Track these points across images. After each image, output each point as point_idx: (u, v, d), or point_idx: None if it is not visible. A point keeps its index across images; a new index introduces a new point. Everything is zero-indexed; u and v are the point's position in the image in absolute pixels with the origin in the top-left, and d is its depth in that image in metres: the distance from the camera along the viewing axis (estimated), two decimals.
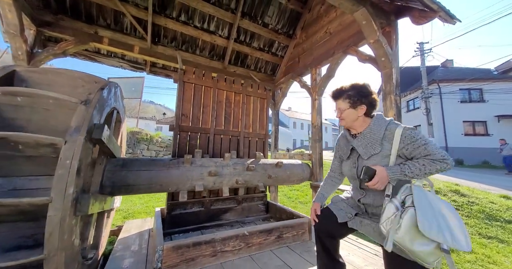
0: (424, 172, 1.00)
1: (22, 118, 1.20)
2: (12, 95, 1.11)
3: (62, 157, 1.03)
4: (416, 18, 1.96)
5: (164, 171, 2.01)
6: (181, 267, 1.58)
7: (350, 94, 1.17)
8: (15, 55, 2.22)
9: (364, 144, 1.13)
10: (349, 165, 1.22)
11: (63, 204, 1.00)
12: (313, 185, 3.02)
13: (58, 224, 0.98)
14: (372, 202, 1.15)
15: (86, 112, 1.15)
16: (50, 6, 2.51)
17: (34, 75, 1.30)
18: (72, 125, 1.10)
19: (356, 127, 1.20)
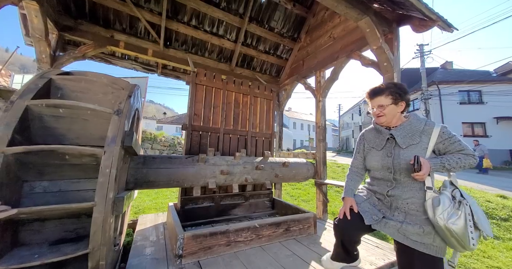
0: (460, 165, 1.08)
1: (63, 127, 1.33)
2: (55, 107, 1.24)
3: (103, 166, 1.15)
4: (416, 27, 2.11)
5: (181, 169, 2.15)
6: (199, 254, 1.73)
7: (393, 91, 1.21)
8: (39, 58, 2.36)
9: (403, 134, 1.18)
10: (381, 155, 1.23)
11: (105, 207, 1.13)
12: (317, 183, 3.17)
13: (101, 224, 1.13)
14: (401, 193, 1.16)
15: (119, 122, 1.28)
16: (70, 11, 2.65)
17: (69, 83, 1.43)
18: (109, 136, 1.22)
19: (392, 124, 1.25)
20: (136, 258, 1.71)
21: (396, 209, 1.17)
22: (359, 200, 1.32)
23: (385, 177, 1.22)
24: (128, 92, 1.44)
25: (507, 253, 2.89)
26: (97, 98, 1.44)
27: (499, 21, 13.02)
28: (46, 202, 1.25)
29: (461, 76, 16.79)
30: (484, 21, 44.67)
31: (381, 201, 1.24)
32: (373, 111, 1.27)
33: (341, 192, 5.02)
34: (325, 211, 3.13)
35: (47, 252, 1.16)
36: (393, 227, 1.15)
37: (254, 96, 3.30)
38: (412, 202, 1.14)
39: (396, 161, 1.17)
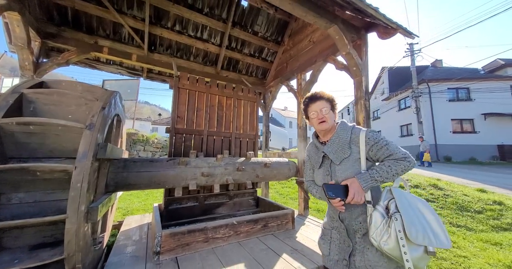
0: (392, 174, 0.97)
1: (35, 142, 1.39)
2: (25, 124, 1.30)
3: (74, 181, 1.23)
4: (381, 34, 2.26)
5: (161, 172, 2.25)
6: (177, 250, 1.84)
7: (330, 98, 1.15)
8: (22, 65, 2.43)
9: (334, 149, 1.09)
10: (322, 173, 1.14)
11: (77, 219, 1.22)
12: (298, 181, 3.31)
13: (74, 234, 1.22)
14: (350, 214, 1.04)
15: (91, 136, 1.33)
16: (53, 19, 2.72)
17: (41, 96, 1.47)
18: (80, 151, 1.28)
19: (327, 133, 1.16)
20: (116, 256, 1.82)
21: (355, 233, 1.03)
22: (326, 252, 1.13)
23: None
24: (102, 103, 1.50)
25: (476, 243, 3.08)
26: (70, 110, 1.50)
27: (486, 19, 13.39)
28: (22, 212, 1.34)
29: (450, 74, 17.19)
30: (471, 20, 45.72)
31: (340, 232, 1.08)
32: (315, 115, 1.12)
33: None
34: (306, 208, 3.28)
35: (26, 257, 1.26)
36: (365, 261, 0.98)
37: (237, 99, 3.42)
38: (364, 220, 1.01)
39: (334, 179, 1.06)
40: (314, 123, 1.15)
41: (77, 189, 1.24)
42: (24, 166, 1.20)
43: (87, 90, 1.70)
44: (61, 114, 1.50)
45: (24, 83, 1.51)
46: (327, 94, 1.16)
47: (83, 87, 1.66)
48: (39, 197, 1.40)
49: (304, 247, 2.07)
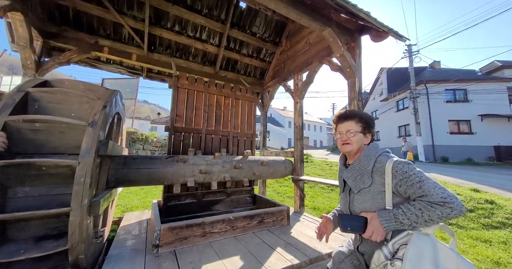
0: (424, 220, 0.80)
1: (41, 139, 1.45)
2: (31, 122, 1.36)
3: (77, 176, 1.29)
4: (374, 37, 2.33)
5: (161, 169, 2.32)
6: (175, 244, 1.91)
7: (363, 118, 1.05)
8: (25, 64, 2.49)
9: (353, 176, 0.99)
10: (343, 198, 1.07)
11: (80, 212, 1.30)
12: (294, 179, 3.38)
13: (77, 226, 1.30)
14: (370, 250, 0.95)
15: (93, 134, 1.39)
16: (54, 18, 2.77)
17: (46, 95, 1.53)
18: (83, 148, 1.34)
19: (353, 155, 1.06)
20: (116, 249, 1.88)
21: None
22: (338, 259, 1.09)
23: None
24: (103, 102, 1.56)
25: (466, 240, 3.17)
26: (73, 108, 1.56)
27: (483, 21, 13.54)
28: (27, 205, 1.40)
29: (448, 75, 17.33)
30: (470, 21, 46.20)
31: (359, 261, 1.02)
32: (339, 137, 1.06)
33: (326, 187, 5.26)
34: (302, 205, 3.36)
35: (32, 247, 1.33)
36: None
37: (236, 98, 3.49)
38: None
39: (351, 209, 0.98)
40: (338, 144, 1.08)
41: (80, 183, 1.30)
42: (31, 161, 1.26)
43: (89, 89, 1.76)
44: (65, 112, 1.56)
45: (29, 82, 1.57)
46: (360, 114, 1.06)
47: (85, 86, 1.72)
48: (43, 191, 1.47)
49: (297, 242, 2.15)
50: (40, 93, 1.47)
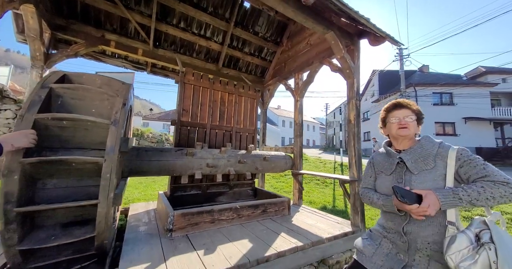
0: (485, 197, 0.84)
1: (67, 135, 1.53)
2: (59, 120, 1.44)
3: (104, 172, 1.40)
4: (372, 41, 2.54)
5: (170, 161, 2.43)
6: (187, 229, 2.05)
7: (416, 109, 1.11)
8: (33, 55, 2.51)
9: (414, 158, 1.03)
10: (390, 180, 1.08)
11: (107, 204, 1.41)
12: (294, 173, 3.57)
13: (104, 216, 1.41)
14: (419, 230, 0.96)
15: (116, 132, 1.49)
16: (62, 11, 2.79)
17: (68, 91, 1.59)
18: (108, 145, 1.44)
19: (404, 141, 1.11)
20: (131, 234, 1.99)
21: (417, 251, 0.95)
22: (368, 253, 1.09)
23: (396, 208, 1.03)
24: (122, 99, 1.63)
25: None
26: (94, 104, 1.63)
27: (469, 28, 14.27)
28: (56, 195, 1.50)
29: (436, 79, 18.15)
30: (457, 28, 48.50)
31: (396, 244, 1.03)
32: (396, 121, 1.10)
33: (320, 183, 5.49)
34: (300, 198, 3.56)
35: (61, 234, 1.43)
36: None
37: (239, 95, 3.62)
38: (434, 241, 0.93)
39: (407, 187, 0.99)
40: (393, 128, 1.11)
41: (106, 179, 1.41)
42: (63, 159, 1.35)
43: (106, 83, 1.82)
44: (86, 108, 1.63)
45: (49, 77, 1.61)
46: (415, 106, 1.12)
47: (102, 81, 1.78)
48: (70, 183, 1.55)
49: (299, 228, 2.33)
50: (63, 89, 1.53)
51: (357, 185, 2.49)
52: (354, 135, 2.58)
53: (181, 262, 1.55)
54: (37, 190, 1.47)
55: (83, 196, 1.56)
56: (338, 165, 8.49)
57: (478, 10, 31.38)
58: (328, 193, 5.50)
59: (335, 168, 8.20)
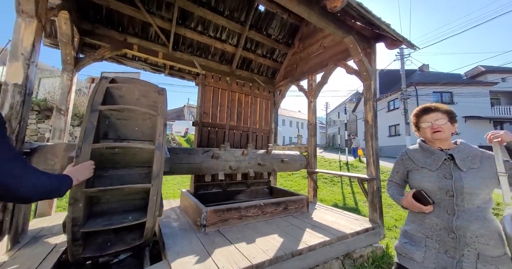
0: None
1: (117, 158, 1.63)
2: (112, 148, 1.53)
3: (151, 195, 1.53)
4: (389, 45, 2.65)
5: (198, 164, 2.57)
6: (218, 224, 2.16)
7: (448, 110, 1.15)
8: (64, 59, 2.61)
9: (463, 156, 1.07)
10: (436, 176, 1.09)
11: (153, 220, 1.54)
12: (309, 172, 3.69)
13: (150, 229, 1.54)
14: (468, 224, 0.97)
15: (160, 156, 1.59)
16: (88, 16, 2.88)
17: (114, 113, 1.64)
18: (154, 170, 1.54)
19: (444, 144, 1.15)
20: (167, 229, 2.10)
21: (466, 246, 0.97)
22: (419, 258, 1.06)
23: (444, 203, 1.04)
24: (163, 119, 1.71)
25: None
26: (137, 123, 1.75)
27: (469, 28, 14.43)
28: (107, 208, 1.62)
29: (436, 78, 18.34)
30: (457, 28, 48.93)
31: (443, 242, 1.02)
32: (428, 125, 1.15)
33: (328, 181, 5.62)
34: (315, 196, 3.68)
35: (114, 239, 1.56)
36: None
37: (254, 96, 3.73)
38: (481, 234, 0.95)
39: (458, 184, 1.02)
40: (427, 132, 1.16)
41: (153, 201, 1.54)
42: (120, 187, 1.48)
43: (143, 95, 1.84)
44: (130, 127, 1.74)
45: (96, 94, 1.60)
46: (444, 107, 1.16)
47: (140, 92, 1.81)
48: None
49: (321, 225, 2.45)
50: (110, 111, 1.60)
51: (375, 183, 2.61)
52: (371, 135, 2.70)
53: (223, 254, 1.66)
54: (93, 206, 1.59)
55: (131, 207, 1.70)
56: (343, 164, 8.62)
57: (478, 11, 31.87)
58: (337, 191, 5.63)
59: (340, 167, 8.33)
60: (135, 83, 1.90)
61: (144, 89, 1.85)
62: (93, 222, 1.47)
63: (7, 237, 1.69)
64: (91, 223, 1.46)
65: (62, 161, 1.80)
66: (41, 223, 2.30)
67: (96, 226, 1.43)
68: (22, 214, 1.87)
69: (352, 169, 7.78)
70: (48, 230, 2.12)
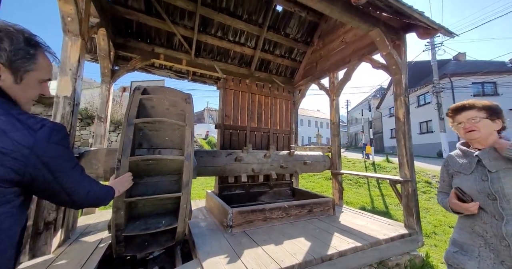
0: None
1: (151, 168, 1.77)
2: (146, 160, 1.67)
3: (181, 203, 1.65)
4: (421, 34, 2.44)
5: (222, 166, 2.67)
6: (244, 226, 2.18)
7: (486, 106, 1.06)
8: (103, 72, 2.89)
9: (494, 156, 0.99)
10: (473, 179, 1.03)
11: (183, 226, 1.65)
12: (333, 173, 3.55)
13: (181, 233, 1.66)
14: None
15: (189, 165, 1.71)
16: (121, 31, 3.15)
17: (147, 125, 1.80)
18: (184, 180, 1.67)
19: (483, 143, 1.06)
20: (196, 229, 2.19)
21: None
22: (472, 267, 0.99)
23: (489, 208, 0.97)
24: (191, 129, 1.82)
25: None
26: (167, 134, 1.89)
27: None
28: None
29: (475, 67, 16.34)
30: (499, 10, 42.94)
31: (497, 251, 0.94)
32: (462, 125, 1.08)
33: (353, 183, 5.35)
34: (341, 198, 3.52)
35: (150, 240, 1.72)
36: None
37: (274, 97, 3.71)
38: None
39: (496, 185, 0.96)
40: (461, 133, 1.10)
41: (183, 208, 1.66)
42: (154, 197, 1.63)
43: (172, 104, 1.96)
44: (161, 137, 1.89)
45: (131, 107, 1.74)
46: (482, 103, 1.07)
47: (169, 102, 1.94)
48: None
49: (350, 229, 2.33)
50: (143, 124, 1.75)
51: (410, 185, 2.41)
52: (404, 133, 2.50)
53: (251, 255, 1.68)
54: (132, 210, 1.74)
55: (164, 211, 1.84)
56: (369, 164, 8.13)
57: None
58: (364, 193, 5.32)
59: (366, 167, 7.87)
60: (164, 92, 2.02)
61: (173, 99, 1.96)
62: (132, 226, 1.62)
63: (60, 232, 1.91)
64: (131, 226, 1.61)
65: (104, 166, 1.99)
66: (87, 220, 2.56)
67: (135, 230, 1.58)
68: (72, 213, 2.11)
69: (380, 170, 7.29)
70: (93, 227, 2.35)
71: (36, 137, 0.57)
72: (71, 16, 1.81)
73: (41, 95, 0.70)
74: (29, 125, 0.57)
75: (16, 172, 0.54)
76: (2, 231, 0.54)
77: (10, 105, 0.58)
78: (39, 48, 0.63)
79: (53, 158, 0.61)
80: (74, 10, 1.78)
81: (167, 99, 1.96)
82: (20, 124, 0.55)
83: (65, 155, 0.65)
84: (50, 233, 1.75)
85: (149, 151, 1.83)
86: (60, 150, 0.63)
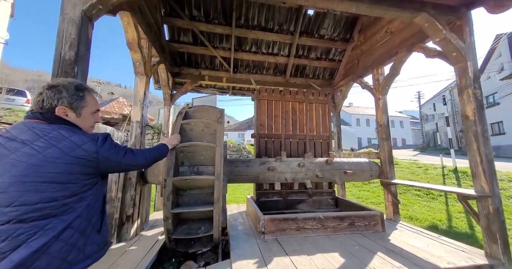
0: None
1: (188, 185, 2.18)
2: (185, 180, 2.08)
3: (214, 214, 1.96)
4: (492, 8, 1.89)
5: (255, 176, 2.86)
6: (276, 233, 2.25)
7: None
8: (165, 97, 3.69)
9: None
10: None
11: (218, 233, 1.97)
12: (383, 183, 3.09)
13: (217, 238, 1.99)
14: None
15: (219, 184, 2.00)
16: (176, 62, 3.93)
17: (186, 148, 2.17)
18: (215, 197, 1.97)
19: None
20: (233, 231, 2.43)
21: None
22: None
23: None
24: (221, 150, 2.11)
25: None
26: (201, 153, 2.24)
27: None
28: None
29: None
30: None
31: None
32: None
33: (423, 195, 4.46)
34: (396, 212, 3.00)
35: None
36: None
37: (309, 103, 3.63)
38: None
39: None
40: None
41: (216, 220, 1.96)
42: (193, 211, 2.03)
43: (206, 126, 2.33)
44: (197, 156, 2.28)
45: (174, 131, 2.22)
46: None
47: (204, 124, 2.32)
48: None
49: (401, 250, 2.00)
50: (183, 147, 2.16)
51: (491, 203, 1.84)
52: (476, 135, 1.95)
53: (278, 264, 1.74)
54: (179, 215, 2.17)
55: (203, 216, 2.17)
56: (448, 171, 6.41)
57: None
58: (438, 208, 4.28)
59: (444, 175, 6.24)
60: (201, 112, 2.43)
61: (206, 121, 2.31)
62: (179, 230, 2.06)
63: (136, 224, 2.55)
64: (178, 230, 2.05)
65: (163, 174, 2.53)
66: (157, 215, 3.27)
67: (181, 234, 2.01)
68: (144, 208, 2.77)
69: (464, 179, 5.66)
70: (160, 222, 2.98)
71: (96, 145, 0.92)
72: (139, 61, 2.47)
73: (96, 122, 1.05)
74: (91, 138, 0.92)
75: (94, 168, 0.90)
76: (91, 207, 0.90)
77: (77, 129, 0.94)
78: (86, 91, 0.98)
79: (110, 153, 0.97)
80: (140, 57, 2.42)
81: (202, 122, 2.33)
82: (86, 138, 0.90)
83: (116, 149, 1.01)
84: (130, 224, 2.38)
85: (189, 167, 2.25)
86: (112, 148, 0.98)
